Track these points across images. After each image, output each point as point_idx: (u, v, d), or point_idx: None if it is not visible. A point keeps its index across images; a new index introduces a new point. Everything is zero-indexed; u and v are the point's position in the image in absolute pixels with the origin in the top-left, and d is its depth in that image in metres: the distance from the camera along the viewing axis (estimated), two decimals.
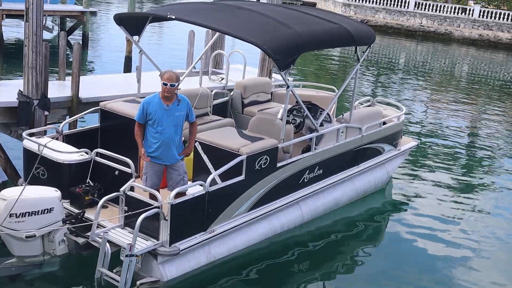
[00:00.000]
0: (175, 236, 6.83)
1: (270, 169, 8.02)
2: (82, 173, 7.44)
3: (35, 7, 8.90)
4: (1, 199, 6.49)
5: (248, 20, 8.35)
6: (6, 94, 9.52)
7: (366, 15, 45.01)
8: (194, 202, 6.98)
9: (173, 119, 6.90)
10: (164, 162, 7.05)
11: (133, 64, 17.38)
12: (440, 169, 13.42)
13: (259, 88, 10.97)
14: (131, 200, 6.87)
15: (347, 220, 9.91)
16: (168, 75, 6.80)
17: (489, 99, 24.00)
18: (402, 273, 8.53)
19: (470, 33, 44.57)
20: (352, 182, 10.16)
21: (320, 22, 9.11)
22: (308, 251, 8.74)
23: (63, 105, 10.05)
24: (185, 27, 11.99)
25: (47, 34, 22.62)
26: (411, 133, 16.22)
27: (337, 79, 24.21)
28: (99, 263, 6.66)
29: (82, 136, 8.60)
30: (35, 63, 9.07)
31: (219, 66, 14.04)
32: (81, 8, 23.21)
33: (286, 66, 7.70)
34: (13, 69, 17.59)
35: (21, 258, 6.87)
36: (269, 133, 8.28)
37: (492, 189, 12.63)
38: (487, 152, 15.65)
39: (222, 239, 7.59)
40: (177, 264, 7.04)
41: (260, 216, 8.12)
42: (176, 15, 8.07)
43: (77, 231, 7.01)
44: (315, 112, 9.49)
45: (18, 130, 9.31)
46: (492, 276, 8.79)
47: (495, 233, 10.26)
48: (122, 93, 10.02)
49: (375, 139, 10.38)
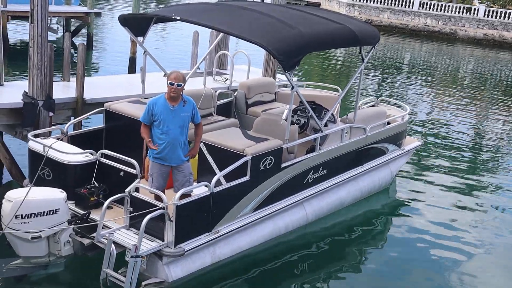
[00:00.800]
0: (180, 237, 6.84)
1: (274, 170, 8.02)
2: (87, 174, 7.45)
3: (40, 8, 8.92)
4: (7, 200, 6.51)
5: (252, 20, 8.35)
6: (11, 95, 9.55)
7: (371, 15, 44.94)
8: (199, 203, 6.98)
9: (178, 120, 6.91)
10: (170, 163, 7.05)
11: (138, 65, 17.43)
12: (444, 169, 13.39)
13: (263, 88, 10.98)
14: (136, 201, 6.88)
15: (351, 221, 9.91)
16: (175, 75, 6.83)
17: (494, 99, 23.93)
18: (406, 273, 8.53)
19: (475, 32, 44.43)
20: (357, 182, 10.16)
21: (324, 22, 9.11)
22: (312, 251, 8.75)
23: (68, 106, 10.06)
24: (189, 28, 12.01)
25: (52, 35, 22.71)
26: (416, 132, 16.20)
27: (341, 79, 24.19)
28: (104, 264, 6.68)
29: (87, 137, 8.62)
30: (40, 64, 9.09)
31: (223, 67, 14.03)
32: (85, 9, 23.25)
33: (291, 67, 7.70)
34: (18, 70, 17.64)
35: (27, 259, 6.89)
36: (273, 134, 8.28)
37: (497, 190, 12.59)
38: (492, 152, 15.61)
39: (227, 239, 7.60)
40: (182, 265, 7.05)
41: (265, 216, 8.13)
42: (181, 16, 8.08)
43: (83, 232, 7.02)
44: (320, 112, 9.49)
45: (23, 131, 9.33)
46: (496, 277, 8.77)
47: (500, 234, 10.23)
48: (127, 94, 10.03)
49: (379, 139, 10.37)
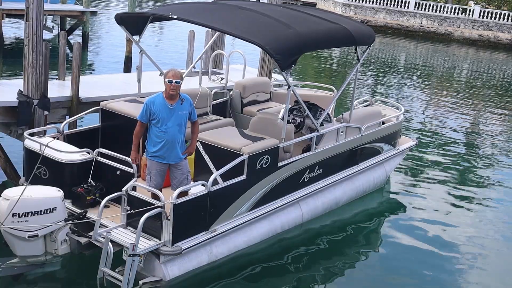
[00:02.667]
0: (177, 235, 6.84)
1: (271, 169, 8.04)
2: (84, 173, 7.45)
3: (35, 6, 8.89)
4: (4, 199, 6.50)
5: (249, 20, 8.37)
6: (6, 94, 9.49)
7: (366, 15, 45.02)
8: (197, 201, 6.99)
9: (177, 118, 6.93)
10: (168, 161, 7.06)
11: (133, 64, 17.40)
12: (438, 169, 13.45)
13: (258, 87, 10.99)
14: (134, 199, 6.88)
15: (346, 220, 9.94)
16: (172, 72, 6.87)
17: (489, 99, 24.04)
18: (401, 271, 8.57)
19: (470, 33, 44.57)
20: (352, 182, 10.19)
21: (320, 22, 9.15)
22: (308, 250, 8.76)
23: (63, 105, 10.01)
24: (185, 27, 12.00)
25: (47, 33, 22.61)
26: (411, 131, 16.25)
27: (336, 79, 24.24)
28: (101, 262, 6.67)
29: (82, 136, 8.60)
30: (35, 62, 9.05)
31: (219, 66, 14.02)
32: (81, 8, 23.23)
33: (288, 66, 7.73)
34: (13, 69, 17.60)
35: (24, 258, 6.88)
36: (269, 133, 8.31)
37: (491, 189, 12.67)
38: (486, 151, 15.68)
39: (223, 238, 7.61)
40: (179, 264, 7.05)
41: (261, 215, 8.14)
42: (178, 15, 8.08)
43: (79, 231, 7.02)
44: (315, 112, 9.52)
45: (18, 130, 9.30)
46: (491, 275, 8.81)
47: (494, 232, 10.30)
48: (122, 93, 10.03)
49: (374, 138, 10.41)
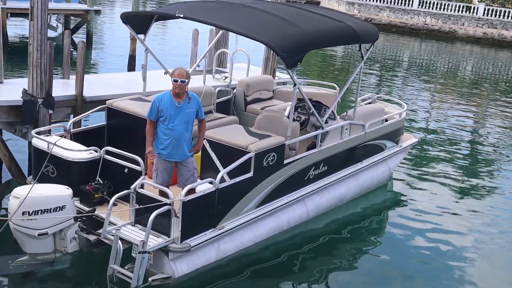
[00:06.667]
0: (186, 232, 6.90)
1: (277, 166, 8.09)
2: (92, 171, 7.49)
3: (40, 5, 8.91)
4: (14, 197, 6.54)
5: (255, 18, 8.42)
6: (10, 92, 9.51)
7: (370, 13, 44.96)
8: (205, 199, 7.04)
9: (184, 116, 6.98)
10: (175, 159, 7.12)
11: (137, 62, 17.44)
12: (441, 166, 13.46)
13: (261, 85, 11.03)
14: (142, 197, 6.94)
15: (350, 217, 9.98)
16: (178, 71, 6.92)
17: (493, 97, 24.03)
18: (404, 269, 8.59)
19: (475, 31, 44.41)
20: (356, 179, 10.24)
21: (325, 20, 9.19)
22: (313, 247, 8.80)
23: (67, 104, 10.02)
24: (189, 26, 12.04)
25: (51, 32, 22.64)
26: (414, 128, 16.28)
27: (340, 76, 24.25)
28: (111, 260, 6.72)
29: (88, 134, 8.63)
30: (40, 61, 9.07)
31: (223, 65, 14.05)
32: (85, 6, 23.24)
33: (294, 64, 7.77)
34: (17, 68, 17.63)
35: (33, 255, 6.94)
36: (275, 131, 8.35)
37: (493, 186, 12.67)
38: (489, 149, 15.69)
39: (231, 235, 7.67)
40: (188, 261, 7.11)
41: (268, 212, 8.20)
42: (184, 14, 8.13)
43: (88, 229, 7.08)
44: (319, 109, 9.56)
45: (22, 129, 9.32)
46: (493, 274, 8.83)
47: (496, 230, 10.30)
48: (126, 92, 10.03)
49: (378, 135, 10.46)
